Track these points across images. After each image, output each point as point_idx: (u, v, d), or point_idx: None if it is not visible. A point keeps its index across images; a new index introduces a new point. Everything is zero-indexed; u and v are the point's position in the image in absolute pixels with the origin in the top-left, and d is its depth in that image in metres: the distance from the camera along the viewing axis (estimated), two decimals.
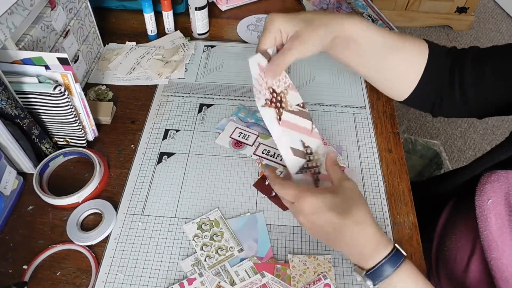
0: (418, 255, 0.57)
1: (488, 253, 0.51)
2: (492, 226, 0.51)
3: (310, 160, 0.54)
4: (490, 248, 0.51)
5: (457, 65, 0.56)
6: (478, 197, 0.54)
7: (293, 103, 0.54)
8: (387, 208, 0.61)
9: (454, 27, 2.24)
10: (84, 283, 0.54)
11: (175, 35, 0.88)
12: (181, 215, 0.60)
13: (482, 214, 0.52)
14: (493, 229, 0.51)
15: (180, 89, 0.78)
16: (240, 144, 0.68)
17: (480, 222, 0.53)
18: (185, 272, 0.54)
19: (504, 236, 0.50)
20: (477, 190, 0.54)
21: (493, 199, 0.52)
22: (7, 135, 0.56)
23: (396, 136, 0.71)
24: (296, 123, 0.53)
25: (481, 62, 0.54)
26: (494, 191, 0.52)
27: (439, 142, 1.13)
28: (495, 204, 0.51)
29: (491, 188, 0.52)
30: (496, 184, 0.52)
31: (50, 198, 0.59)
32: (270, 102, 0.53)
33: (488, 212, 0.52)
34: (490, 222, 0.51)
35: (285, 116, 0.53)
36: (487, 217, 0.52)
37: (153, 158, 0.67)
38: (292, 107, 0.54)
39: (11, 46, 0.56)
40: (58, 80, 0.58)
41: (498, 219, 0.51)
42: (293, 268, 0.55)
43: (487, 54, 0.55)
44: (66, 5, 0.69)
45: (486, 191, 0.53)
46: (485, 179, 0.54)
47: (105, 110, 0.71)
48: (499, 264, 0.50)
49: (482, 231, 0.52)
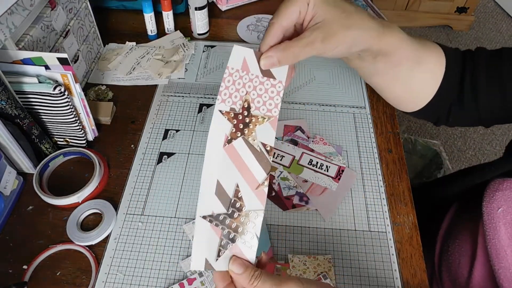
0: (418, 255, 0.57)
1: (496, 261, 0.51)
2: (501, 235, 0.50)
3: (233, 217, 0.39)
4: (498, 257, 0.50)
5: (468, 69, 0.52)
6: (487, 203, 0.52)
7: (261, 139, 0.39)
8: (387, 208, 0.61)
9: (454, 27, 2.24)
10: (84, 283, 0.54)
11: (175, 35, 0.88)
12: (181, 215, 0.60)
13: (491, 222, 0.51)
14: (503, 238, 0.50)
15: (180, 89, 0.78)
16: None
17: (488, 230, 0.52)
18: (185, 272, 0.54)
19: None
20: (486, 196, 0.53)
21: (504, 208, 0.51)
22: (7, 135, 0.56)
23: (396, 136, 0.71)
24: (245, 162, 0.39)
25: (495, 65, 0.50)
26: (505, 199, 0.51)
27: (439, 142, 1.13)
28: (506, 213, 0.51)
29: (502, 196, 0.51)
30: (508, 192, 0.51)
31: (50, 198, 0.59)
32: (234, 116, 0.39)
33: (497, 220, 0.51)
34: (499, 231, 0.50)
35: (237, 143, 0.39)
36: (496, 225, 0.51)
37: (153, 158, 0.67)
38: (255, 141, 0.39)
39: (11, 46, 0.56)
40: (58, 80, 0.58)
41: (508, 229, 0.50)
42: (293, 268, 0.55)
43: (500, 56, 0.51)
44: (66, 5, 0.69)
45: (496, 198, 0.51)
46: (495, 186, 0.52)
47: (105, 110, 0.71)
48: (508, 273, 0.49)
49: (490, 239, 0.51)
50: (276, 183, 0.64)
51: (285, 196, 0.62)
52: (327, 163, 0.66)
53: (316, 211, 0.61)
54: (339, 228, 0.59)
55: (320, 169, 0.65)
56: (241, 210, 0.39)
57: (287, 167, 0.65)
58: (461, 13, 2.16)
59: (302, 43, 0.39)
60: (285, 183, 0.64)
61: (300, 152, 0.67)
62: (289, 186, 0.63)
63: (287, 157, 0.66)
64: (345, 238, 0.58)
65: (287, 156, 0.67)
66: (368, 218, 0.60)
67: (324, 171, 0.65)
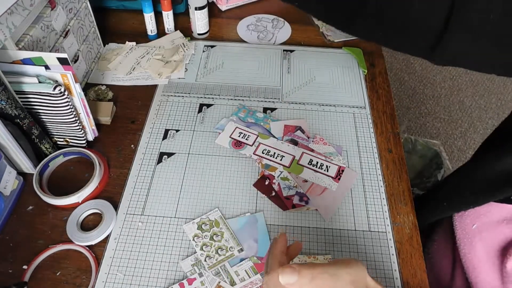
0: (418, 255, 0.57)
1: (473, 275, 0.51)
2: (477, 250, 0.51)
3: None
4: (474, 272, 0.51)
5: None
6: (459, 218, 0.53)
7: None
8: (387, 208, 0.61)
9: None
10: (84, 283, 0.54)
11: (175, 35, 0.88)
12: (181, 215, 0.60)
13: (466, 237, 0.52)
14: (480, 253, 0.51)
15: (180, 89, 0.78)
16: (240, 144, 0.68)
17: (464, 245, 0.52)
18: (185, 272, 0.54)
19: (491, 262, 0.50)
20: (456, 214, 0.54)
21: (478, 225, 0.51)
22: (7, 135, 0.56)
23: (396, 136, 0.71)
24: None
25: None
26: (477, 216, 0.52)
27: (439, 142, 1.13)
28: (480, 230, 0.51)
29: (474, 212, 0.52)
30: (479, 208, 0.52)
31: (50, 198, 0.59)
32: None
33: (473, 236, 0.51)
34: (475, 246, 0.51)
35: None
36: (472, 241, 0.51)
37: (153, 158, 0.67)
38: None
39: (11, 46, 0.56)
40: (58, 80, 0.58)
41: (484, 244, 0.50)
42: None
43: None
44: (66, 5, 0.69)
45: (468, 215, 0.52)
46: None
47: (105, 110, 0.71)
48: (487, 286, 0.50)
49: (465, 253, 0.52)
50: (276, 183, 0.64)
51: (285, 196, 0.62)
52: (327, 163, 0.66)
53: (316, 211, 0.61)
54: (339, 228, 0.59)
55: (320, 169, 0.65)
56: None
57: (287, 167, 0.65)
58: None
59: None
60: (285, 183, 0.64)
61: (300, 152, 0.67)
62: (289, 186, 0.63)
63: (287, 157, 0.66)
64: (345, 238, 0.58)
65: (287, 156, 0.67)
66: (368, 218, 0.60)
67: (324, 171, 0.65)
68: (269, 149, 0.68)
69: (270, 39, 0.89)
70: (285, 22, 0.93)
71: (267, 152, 0.67)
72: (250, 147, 0.68)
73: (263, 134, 0.69)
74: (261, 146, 0.68)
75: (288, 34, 0.90)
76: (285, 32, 0.91)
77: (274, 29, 0.91)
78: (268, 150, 0.67)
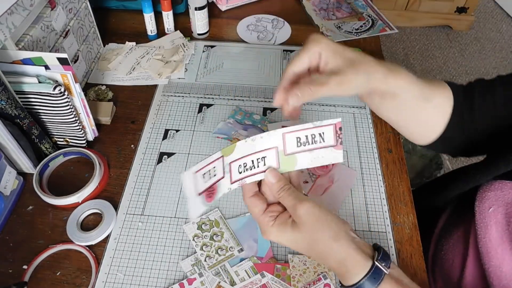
0: (418, 255, 0.57)
1: (487, 260, 0.51)
2: (492, 234, 0.51)
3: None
4: (489, 256, 0.51)
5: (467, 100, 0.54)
6: (479, 203, 0.53)
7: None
8: (387, 208, 0.61)
9: (454, 27, 2.24)
10: (84, 283, 0.54)
11: (175, 35, 0.88)
12: (181, 215, 0.60)
13: (483, 221, 0.52)
14: (493, 237, 0.51)
15: (180, 89, 0.78)
16: (212, 189, 0.46)
17: (480, 229, 0.52)
18: (185, 272, 0.54)
19: (505, 245, 0.50)
20: (478, 197, 0.54)
21: (494, 207, 0.51)
22: (7, 135, 0.56)
23: (396, 136, 0.71)
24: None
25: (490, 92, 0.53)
26: (496, 199, 0.52)
27: None
28: (496, 213, 0.51)
29: (493, 196, 0.52)
30: (499, 192, 0.52)
31: (50, 198, 0.59)
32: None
33: (489, 219, 0.52)
34: (490, 229, 0.51)
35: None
36: (487, 224, 0.52)
37: (153, 158, 0.67)
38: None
39: (11, 46, 0.56)
40: (58, 80, 0.58)
41: (498, 227, 0.51)
42: (293, 268, 0.55)
43: (495, 84, 0.54)
44: (66, 5, 0.69)
45: (488, 198, 0.52)
46: (487, 186, 0.54)
47: (105, 110, 0.71)
48: (498, 272, 0.50)
49: (481, 238, 0.52)
50: None
51: None
52: (318, 128, 0.47)
53: None
54: None
55: (314, 142, 0.47)
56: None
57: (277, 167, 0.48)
58: (461, 13, 2.16)
59: (318, 82, 0.45)
60: None
61: (279, 136, 0.47)
62: None
63: (269, 155, 0.47)
64: None
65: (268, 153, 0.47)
66: (368, 218, 0.60)
67: (320, 141, 0.48)
68: (244, 162, 0.46)
69: (270, 39, 0.89)
70: (285, 22, 0.93)
71: (244, 166, 0.47)
72: (224, 179, 0.46)
73: (226, 147, 0.47)
74: (232, 165, 0.46)
75: (288, 34, 0.90)
76: (285, 32, 0.91)
77: (274, 29, 0.91)
78: (244, 163, 0.46)
